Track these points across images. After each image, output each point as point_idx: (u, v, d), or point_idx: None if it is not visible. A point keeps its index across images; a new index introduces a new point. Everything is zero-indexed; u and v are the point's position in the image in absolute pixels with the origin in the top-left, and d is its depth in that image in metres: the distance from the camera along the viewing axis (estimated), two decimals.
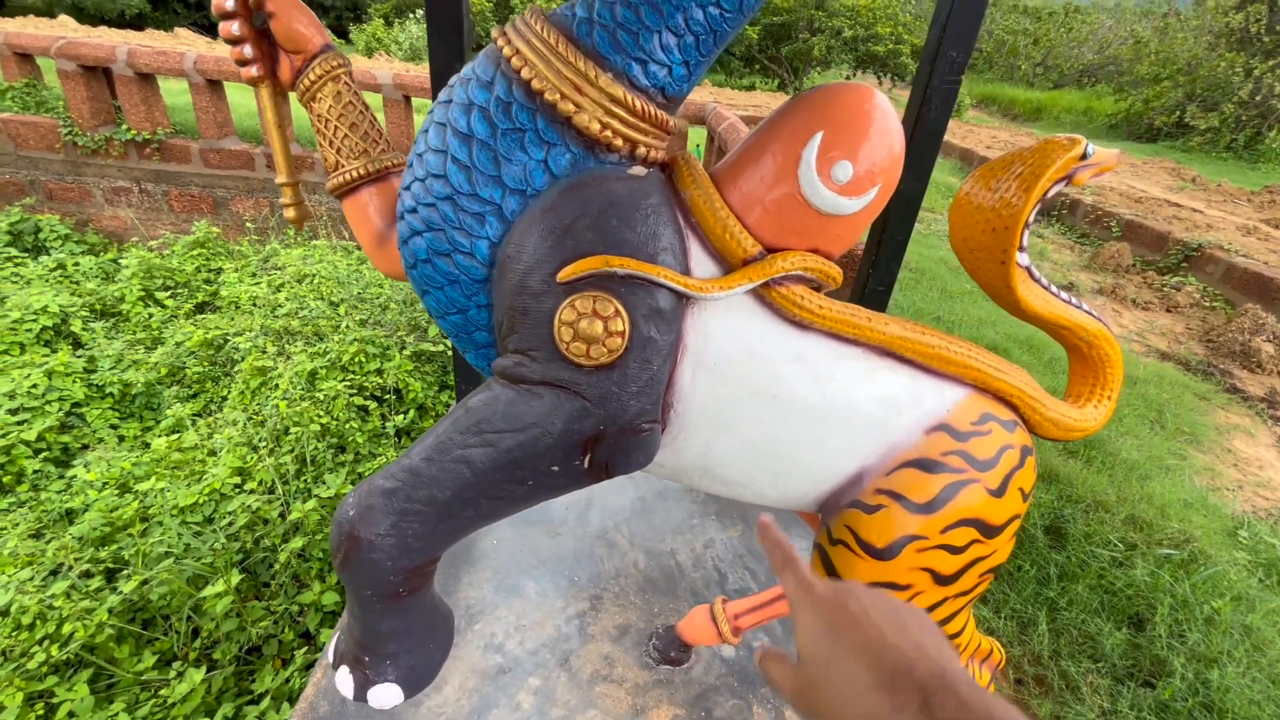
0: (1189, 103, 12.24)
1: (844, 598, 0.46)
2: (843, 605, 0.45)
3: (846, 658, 0.43)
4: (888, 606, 0.45)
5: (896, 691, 0.40)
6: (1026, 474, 0.88)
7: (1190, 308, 4.71)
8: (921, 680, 0.40)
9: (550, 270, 0.71)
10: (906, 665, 0.41)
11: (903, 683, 0.40)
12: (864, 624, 0.44)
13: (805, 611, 0.47)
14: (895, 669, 0.41)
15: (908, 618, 0.45)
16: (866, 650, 0.42)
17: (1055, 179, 0.82)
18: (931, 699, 0.39)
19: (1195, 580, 2.01)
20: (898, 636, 0.43)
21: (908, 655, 0.41)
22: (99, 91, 3.99)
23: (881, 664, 0.42)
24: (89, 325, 3.16)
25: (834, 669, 0.43)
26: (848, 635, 0.44)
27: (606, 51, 0.71)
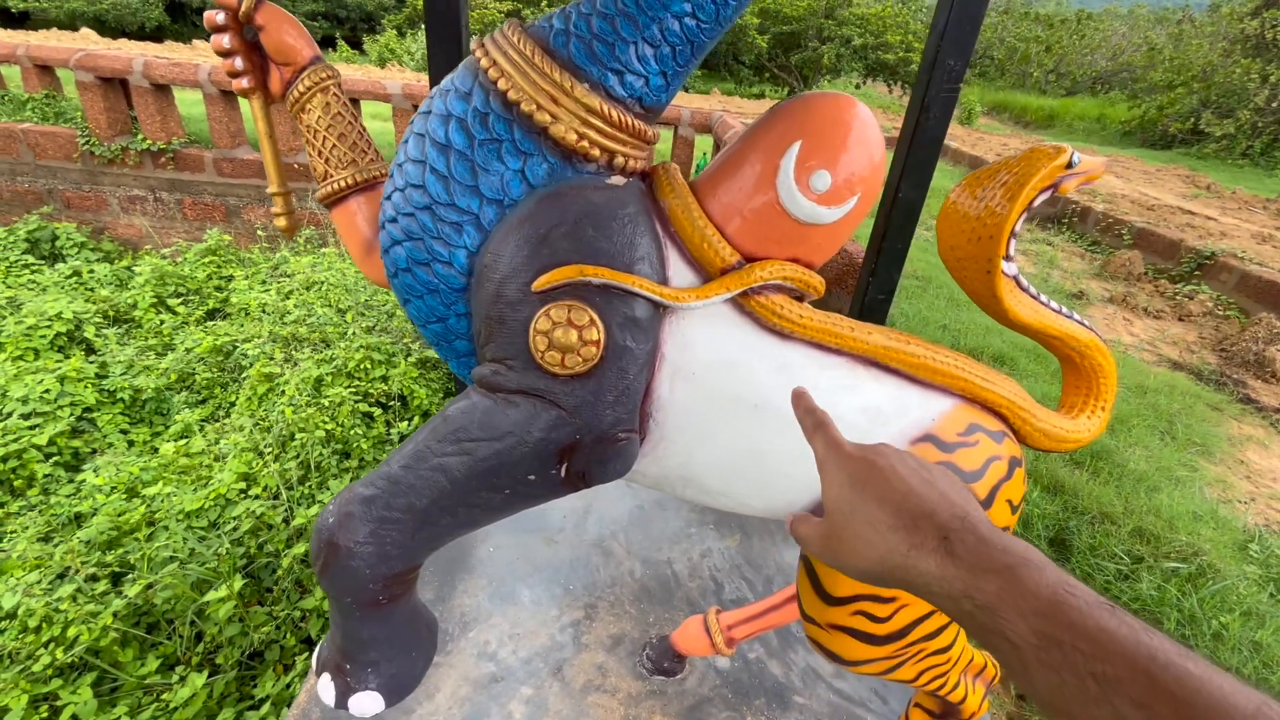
0: (1204, 109, 12.12)
1: (873, 455, 0.47)
2: (871, 462, 0.46)
3: (870, 504, 0.44)
4: (915, 464, 0.47)
5: (916, 530, 0.42)
6: (1015, 486, 0.87)
7: (1203, 316, 4.65)
8: (943, 521, 0.41)
9: (526, 279, 0.72)
10: (928, 510, 0.42)
11: (923, 523, 0.42)
12: (890, 477, 0.45)
13: (833, 468, 0.48)
14: (917, 513, 0.42)
15: (935, 473, 0.46)
16: (889, 498, 0.44)
17: (1040, 187, 0.81)
18: (951, 536, 0.40)
19: (1203, 594, 1.97)
20: (923, 488, 0.44)
21: (931, 502, 0.43)
22: (116, 102, 4.07)
23: (904, 508, 0.43)
24: (102, 331, 3.21)
25: (858, 515, 0.44)
26: (873, 486, 0.45)
27: (583, 63, 0.72)
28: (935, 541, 0.41)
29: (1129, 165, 9.42)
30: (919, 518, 0.42)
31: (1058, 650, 0.35)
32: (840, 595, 0.85)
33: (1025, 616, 0.36)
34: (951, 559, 0.40)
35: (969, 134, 11.19)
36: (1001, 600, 0.37)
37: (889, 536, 0.42)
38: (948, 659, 0.96)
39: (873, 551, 0.43)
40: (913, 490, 0.44)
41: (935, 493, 0.43)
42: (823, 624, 0.89)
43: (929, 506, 0.42)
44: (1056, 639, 0.35)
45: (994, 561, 0.38)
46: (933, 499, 0.43)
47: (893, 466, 0.45)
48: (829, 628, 0.88)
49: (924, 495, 0.43)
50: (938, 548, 0.40)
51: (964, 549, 0.40)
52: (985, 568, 0.38)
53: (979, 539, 0.40)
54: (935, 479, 0.45)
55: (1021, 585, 0.37)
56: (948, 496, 0.43)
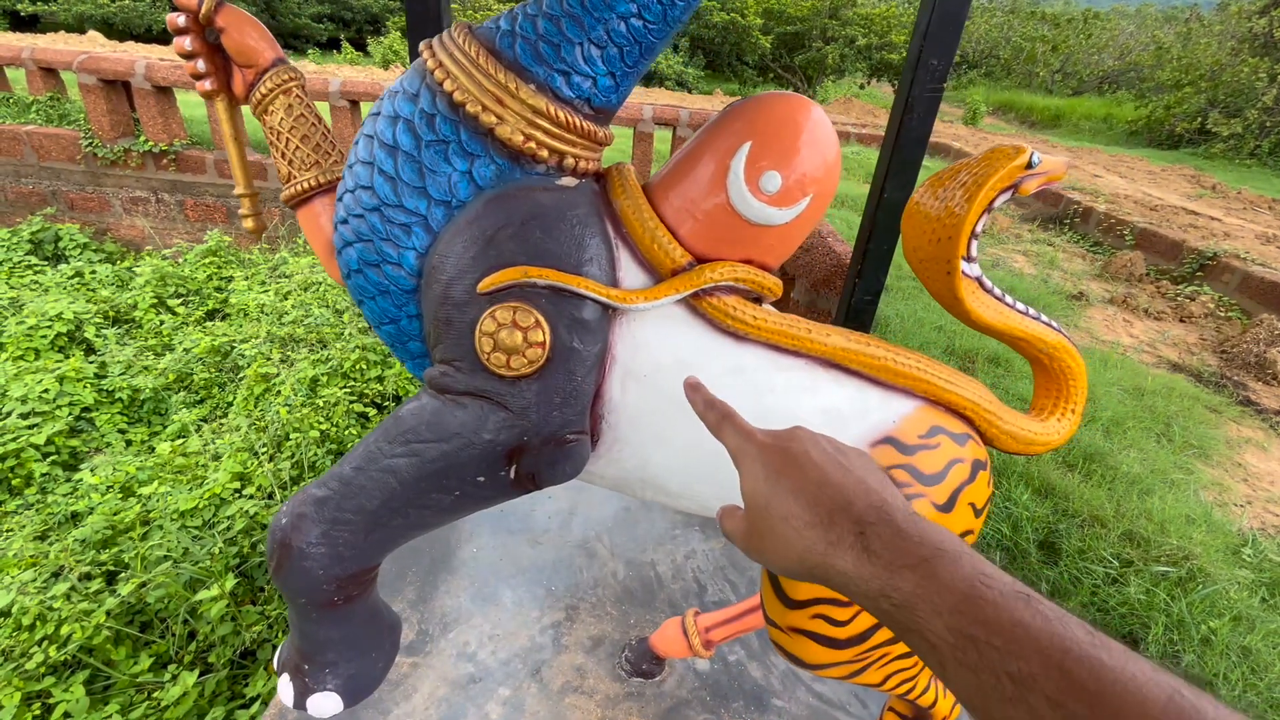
0: (1211, 109, 12.02)
1: (786, 442, 0.45)
2: (785, 449, 0.45)
3: (786, 498, 0.42)
4: (830, 448, 0.45)
5: (833, 526, 0.40)
6: (978, 489, 0.88)
7: (1204, 318, 4.62)
8: (859, 513, 0.40)
9: (473, 281, 0.72)
10: (844, 501, 0.41)
11: (839, 517, 0.40)
12: (805, 465, 0.43)
13: (748, 459, 0.46)
14: (833, 505, 0.41)
15: (851, 457, 0.45)
16: (805, 489, 0.42)
17: (1000, 188, 0.81)
18: (867, 530, 0.39)
19: (1193, 599, 1.96)
20: (838, 474, 0.42)
21: (846, 491, 0.41)
22: (118, 104, 4.11)
23: (819, 501, 0.41)
24: (102, 331, 3.24)
25: (774, 510, 0.43)
26: (788, 477, 0.43)
27: (529, 64, 0.72)
28: (852, 537, 0.39)
29: (1134, 165, 9.35)
30: (834, 511, 0.41)
31: (973, 649, 0.34)
32: (799, 598, 0.85)
33: (941, 614, 0.35)
34: (868, 555, 0.39)
35: (973, 134, 11.13)
36: (917, 598, 0.36)
37: (805, 534, 0.41)
38: (914, 663, 0.96)
39: (790, 550, 0.42)
40: (828, 479, 0.42)
41: (851, 480, 0.42)
42: (784, 627, 0.89)
43: (845, 496, 0.41)
44: (972, 636, 0.34)
45: (909, 555, 0.38)
46: (848, 488, 0.41)
47: (806, 453, 0.44)
48: (790, 631, 0.89)
49: (839, 484, 0.42)
50: (854, 544, 0.39)
51: (880, 544, 0.39)
52: (901, 563, 0.38)
53: (894, 531, 0.39)
54: (851, 464, 0.44)
55: (936, 580, 0.36)
56: (864, 483, 0.42)
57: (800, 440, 0.45)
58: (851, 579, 0.39)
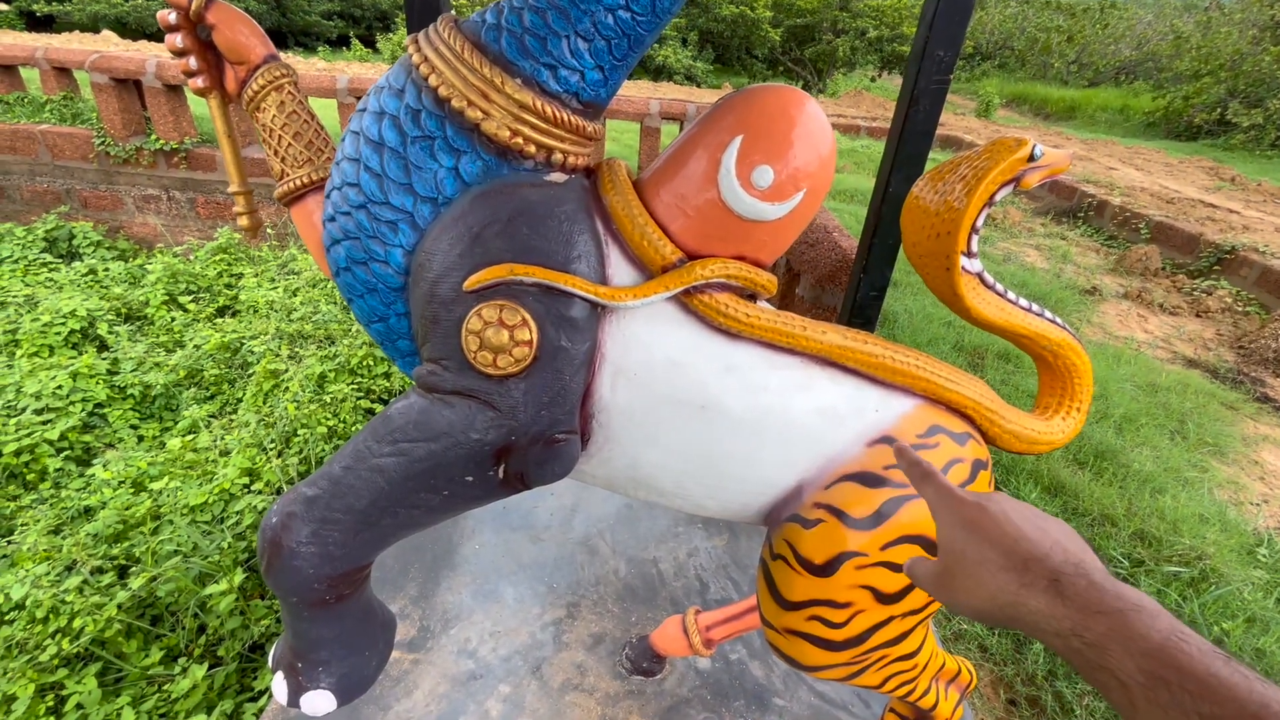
0: (1231, 99, 11.78)
1: (986, 501, 0.48)
2: (984, 507, 0.48)
3: (982, 546, 0.46)
4: (1030, 513, 0.48)
5: (1027, 572, 0.43)
6: (979, 488, 0.86)
7: (1221, 312, 4.53)
8: (1055, 565, 0.43)
9: (459, 278, 0.71)
10: (1041, 554, 0.43)
11: (1035, 566, 0.43)
12: (1003, 522, 0.46)
13: (946, 512, 0.49)
14: (1029, 556, 0.44)
15: (1049, 522, 0.47)
16: (1002, 540, 0.45)
17: (1001, 181, 0.79)
18: (1062, 579, 0.42)
19: (1205, 600, 1.93)
20: (1035, 534, 0.45)
21: (1043, 547, 0.44)
22: (130, 103, 4.15)
23: (1015, 551, 0.44)
24: (115, 328, 3.28)
25: (969, 556, 0.46)
26: (985, 529, 0.46)
27: (514, 57, 0.71)
28: (1045, 582, 0.42)
29: (1151, 158, 9.19)
30: (1030, 560, 0.43)
31: (1165, 690, 0.36)
32: (795, 600, 0.85)
33: (1134, 656, 0.37)
34: (1061, 599, 0.41)
35: (986, 127, 10.99)
36: (1110, 639, 0.38)
37: (999, 576, 0.44)
38: (914, 665, 0.95)
39: (983, 590, 0.45)
40: (1025, 535, 0.45)
41: (1048, 539, 0.45)
42: (780, 629, 0.88)
43: (1041, 550, 0.44)
44: (1164, 679, 0.36)
45: (1105, 605, 0.40)
46: (1045, 545, 0.44)
47: (1005, 513, 0.47)
48: (786, 633, 0.88)
49: (1036, 540, 0.44)
50: (1048, 588, 0.42)
51: (1074, 591, 0.41)
52: (1095, 609, 0.40)
53: (1090, 584, 0.41)
54: (1049, 527, 0.46)
55: (1132, 628, 0.38)
56: (1061, 544, 0.44)
57: (999, 502, 0.48)
58: (1043, 617, 0.42)
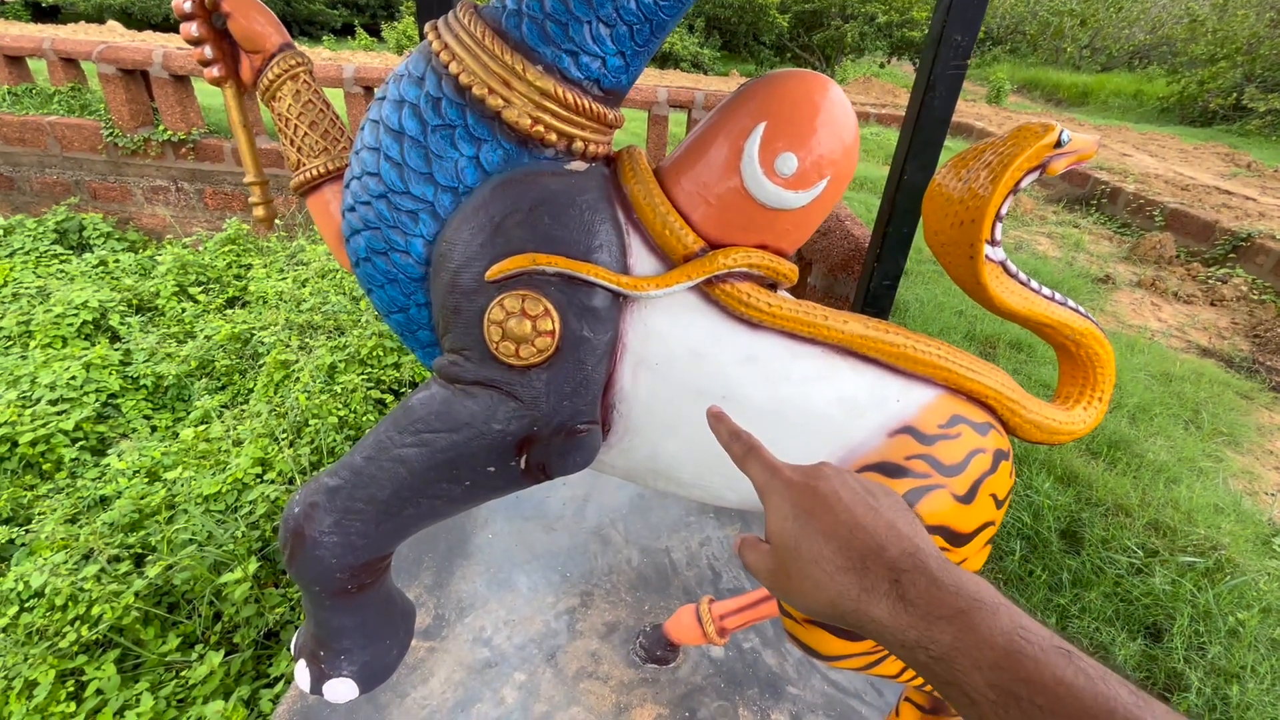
0: (1248, 84, 11.58)
1: (814, 480, 0.45)
2: (813, 488, 0.44)
3: (816, 540, 0.42)
4: (859, 487, 0.45)
5: (866, 572, 0.40)
6: (1000, 479, 0.86)
7: (1237, 301, 4.48)
8: (892, 560, 0.40)
9: (481, 268, 0.71)
10: (877, 546, 0.41)
11: (873, 563, 0.40)
12: (834, 506, 0.43)
13: (775, 496, 0.46)
14: (865, 550, 0.41)
15: (880, 498, 0.44)
16: (836, 532, 0.42)
17: (1026, 168, 0.78)
18: (902, 578, 0.39)
19: (1220, 590, 1.92)
20: (868, 517, 0.42)
21: (878, 536, 0.41)
22: (137, 94, 4.15)
23: (851, 545, 0.41)
24: (126, 319, 3.30)
25: (804, 552, 0.43)
26: (818, 518, 0.43)
27: (536, 44, 0.70)
28: (886, 584, 0.39)
29: (1165, 144, 9.06)
30: (867, 555, 0.40)
31: (1016, 707, 0.34)
32: None
33: (981, 669, 0.35)
34: (904, 604, 0.38)
35: (997, 113, 10.85)
36: (956, 652, 0.36)
37: (838, 578, 0.41)
38: None
39: (822, 594, 0.42)
40: (859, 522, 0.42)
41: (882, 523, 0.42)
42: (799, 619, 0.88)
43: (877, 541, 0.41)
44: (1014, 693, 0.34)
45: (946, 606, 0.37)
46: (880, 532, 0.41)
47: (836, 492, 0.44)
48: (805, 623, 0.88)
49: (871, 528, 0.41)
50: (889, 591, 0.39)
51: (915, 592, 0.38)
52: (938, 614, 0.37)
53: (929, 580, 0.38)
54: (880, 505, 0.43)
55: (975, 633, 0.36)
56: (895, 528, 0.42)
57: (828, 479, 0.45)
58: (887, 628, 0.39)
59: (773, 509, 0.45)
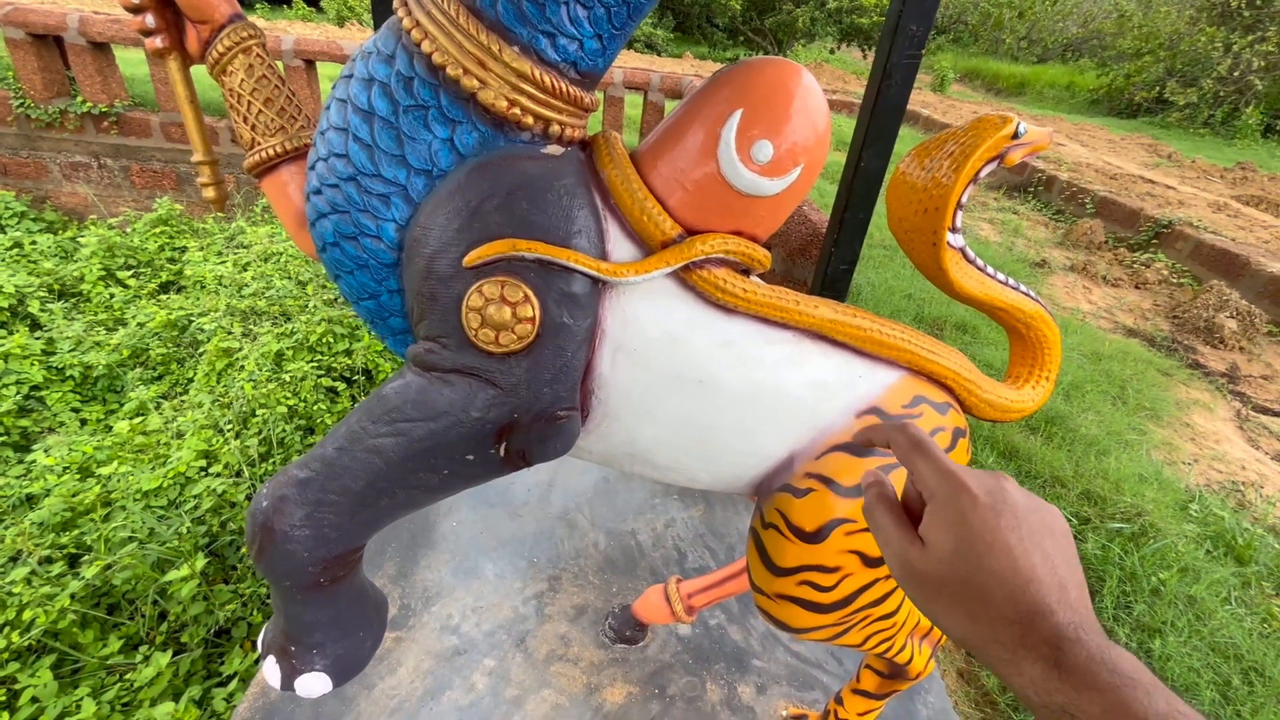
0: (1169, 78, 12.27)
1: (999, 507, 0.43)
2: (994, 521, 0.43)
3: (989, 579, 0.41)
4: (1040, 528, 0.43)
5: (1030, 631, 0.40)
6: (958, 456, 0.90)
7: (1159, 284, 4.79)
8: (1057, 627, 0.40)
9: (458, 254, 0.69)
10: (1047, 608, 0.40)
11: (1039, 624, 0.40)
12: (1014, 549, 0.42)
13: (949, 509, 0.44)
14: (1035, 610, 0.40)
15: (1058, 545, 0.43)
16: (1011, 580, 0.41)
17: (986, 158, 0.81)
18: (1064, 646, 0.39)
19: (1144, 553, 2.07)
20: (1044, 570, 0.41)
21: (1049, 599, 0.41)
22: (51, 61, 3.83)
23: (1022, 599, 0.41)
24: (47, 306, 3.08)
25: (971, 582, 0.42)
26: (995, 557, 0.42)
27: (511, 24, 0.68)
28: (1048, 649, 0.39)
29: (1095, 134, 9.54)
30: (1035, 616, 0.40)
31: None
32: (786, 566, 0.87)
33: None
34: (1059, 671, 0.39)
35: (941, 101, 11.18)
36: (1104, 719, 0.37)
37: (999, 626, 0.41)
38: (893, 624, 0.99)
39: (976, 629, 0.42)
40: (1035, 577, 0.41)
41: (1054, 581, 0.41)
42: (770, 594, 0.91)
43: (1048, 605, 0.40)
44: None
45: (1100, 680, 0.38)
46: (1051, 594, 0.41)
47: (1016, 529, 0.42)
48: (776, 597, 0.90)
49: (1045, 589, 0.41)
50: (1048, 655, 0.39)
51: (1074, 663, 0.39)
52: (1091, 685, 0.38)
53: (1090, 656, 0.39)
54: (1054, 557, 0.42)
55: (1129, 709, 0.36)
56: (1065, 590, 0.41)
57: (1014, 511, 0.43)
58: (1034, 685, 0.40)
59: (943, 519, 0.44)
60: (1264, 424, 3.30)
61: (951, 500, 0.44)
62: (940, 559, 0.44)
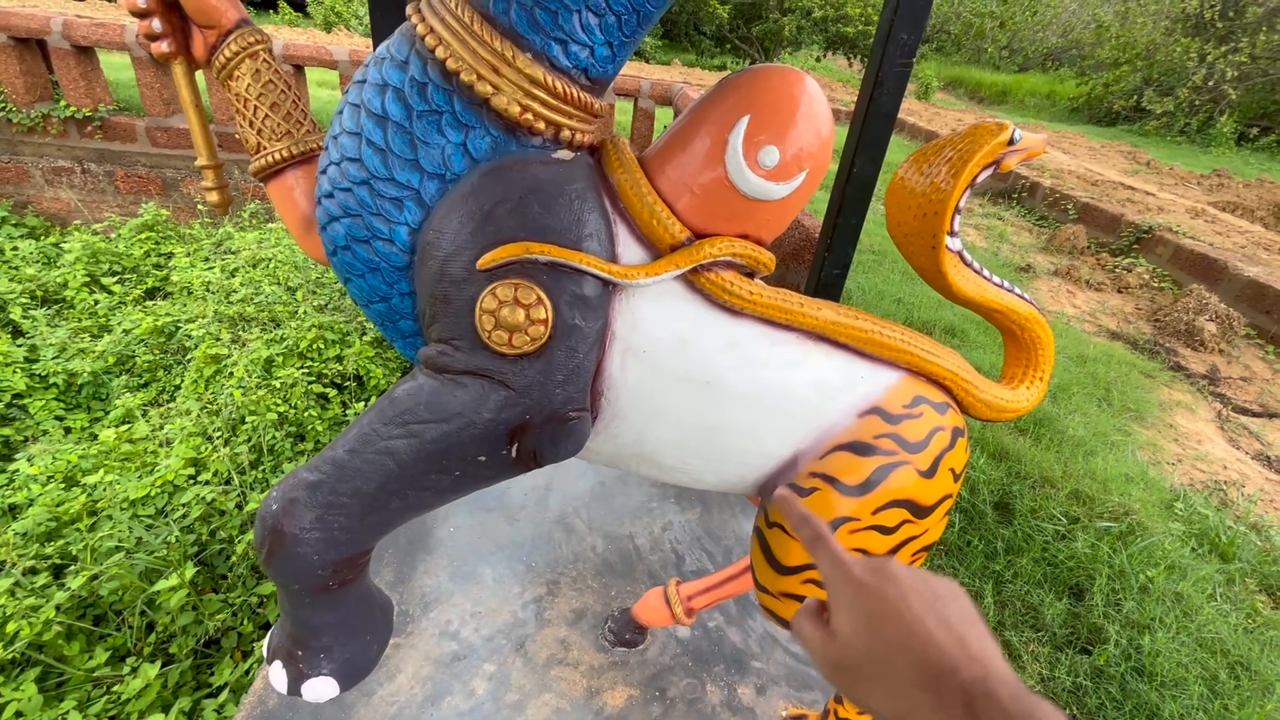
0: (1146, 87, 12.55)
1: (883, 583, 0.45)
2: (882, 593, 0.45)
3: (889, 649, 0.43)
4: (928, 593, 0.45)
5: (941, 693, 0.41)
6: (957, 455, 0.91)
7: (1140, 288, 4.87)
8: (965, 683, 0.40)
9: (471, 257, 0.70)
10: (950, 666, 0.41)
11: (946, 684, 0.41)
12: (905, 616, 0.43)
13: (843, 593, 0.46)
14: (939, 670, 0.41)
15: (950, 606, 0.45)
16: (909, 645, 0.43)
17: (983, 164, 0.83)
18: (974, 703, 0.40)
19: (1132, 551, 2.10)
20: (940, 631, 0.43)
21: (951, 656, 0.42)
22: (34, 65, 3.78)
23: (925, 663, 0.42)
24: (29, 313, 3.03)
25: (875, 657, 0.43)
26: (890, 627, 0.43)
27: (525, 31, 0.69)
28: (960, 709, 0.40)
29: (1076, 141, 9.72)
30: (940, 676, 0.41)
31: None
32: (791, 564, 0.88)
33: None
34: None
35: (926, 109, 11.34)
36: None
37: (912, 693, 0.42)
38: None
39: (893, 703, 0.43)
40: (931, 639, 0.42)
41: (953, 639, 0.42)
42: (775, 592, 0.91)
43: (950, 662, 0.41)
44: None
45: None
46: (951, 651, 0.42)
47: (904, 599, 0.44)
48: (781, 596, 0.91)
49: (944, 645, 0.42)
50: (963, 715, 0.40)
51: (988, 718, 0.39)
52: None
53: (1002, 710, 0.39)
54: (950, 615, 0.44)
55: None
56: (965, 644, 0.42)
57: (897, 583, 0.45)
58: None
59: (840, 604, 0.46)
60: (1244, 424, 3.37)
61: (842, 585, 0.47)
62: (846, 643, 0.45)
